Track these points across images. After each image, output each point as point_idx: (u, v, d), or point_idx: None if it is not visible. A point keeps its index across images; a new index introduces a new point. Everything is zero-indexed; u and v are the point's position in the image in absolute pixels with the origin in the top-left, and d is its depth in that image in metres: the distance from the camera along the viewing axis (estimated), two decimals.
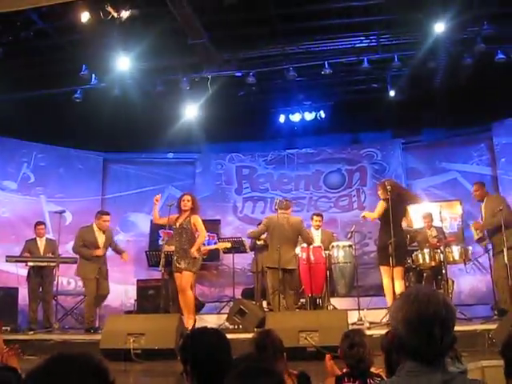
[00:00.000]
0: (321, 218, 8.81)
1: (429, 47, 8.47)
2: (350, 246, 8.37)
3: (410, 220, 9.35)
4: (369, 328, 6.41)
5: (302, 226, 7.74)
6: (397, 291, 6.54)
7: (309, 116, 11.28)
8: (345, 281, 8.37)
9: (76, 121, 10.04)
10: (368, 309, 7.51)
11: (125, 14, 7.25)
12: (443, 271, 7.31)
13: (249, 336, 4.42)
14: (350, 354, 2.98)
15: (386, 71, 9.77)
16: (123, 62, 8.65)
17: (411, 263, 7.77)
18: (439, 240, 7.73)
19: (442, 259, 7.34)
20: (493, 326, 5.65)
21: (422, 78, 9.85)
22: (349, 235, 8.39)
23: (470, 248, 7.88)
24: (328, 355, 2.90)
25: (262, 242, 8.68)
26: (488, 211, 7.32)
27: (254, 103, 10.98)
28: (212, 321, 7.95)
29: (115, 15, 7.19)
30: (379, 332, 5.46)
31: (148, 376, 5.60)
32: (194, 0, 7.45)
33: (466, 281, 9.64)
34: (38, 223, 8.70)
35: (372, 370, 3.00)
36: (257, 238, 8.53)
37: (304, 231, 7.69)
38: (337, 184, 11.39)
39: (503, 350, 2.12)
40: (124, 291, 10.42)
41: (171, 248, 7.27)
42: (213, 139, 11.41)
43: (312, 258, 7.74)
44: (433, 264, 7.52)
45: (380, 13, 8.19)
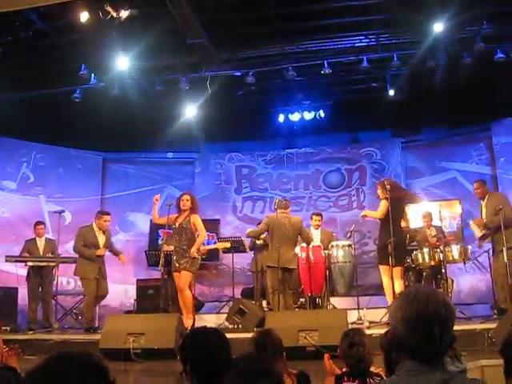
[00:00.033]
0: (320, 218, 8.83)
1: (428, 46, 8.47)
2: (350, 246, 8.38)
3: (408, 220, 9.34)
4: (368, 327, 6.41)
5: (303, 226, 7.74)
6: (396, 291, 6.53)
7: (308, 115, 11.27)
8: (344, 280, 8.39)
9: (75, 120, 10.04)
10: (367, 308, 7.50)
11: (124, 14, 7.26)
12: (443, 270, 7.30)
13: (248, 335, 4.42)
14: (350, 354, 2.99)
15: (386, 70, 9.76)
16: (122, 62, 8.65)
17: (411, 262, 7.78)
18: (439, 239, 7.73)
19: (442, 258, 7.34)
20: (492, 326, 5.65)
21: (422, 78, 9.85)
22: (348, 235, 8.38)
23: (470, 247, 7.87)
24: (326, 354, 2.90)
25: (262, 242, 8.69)
26: (490, 209, 7.28)
27: (254, 103, 10.98)
28: (211, 320, 7.94)
29: (114, 15, 7.19)
30: (379, 331, 5.46)
31: (148, 376, 5.60)
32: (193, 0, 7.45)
33: (466, 280, 9.64)
34: (38, 223, 8.69)
35: (372, 370, 3.00)
36: (256, 238, 8.53)
37: (304, 231, 7.68)
38: (336, 183, 11.39)
39: (503, 350, 2.12)
40: (124, 291, 10.42)
41: (170, 248, 7.26)
42: (212, 139, 11.42)
43: (311, 258, 7.74)
44: (432, 263, 7.52)
45: (379, 12, 8.18)
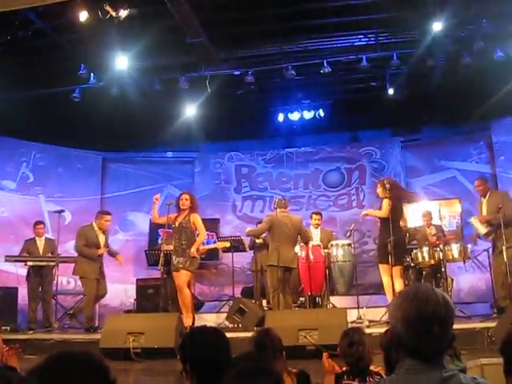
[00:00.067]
0: (320, 217, 8.83)
1: (427, 45, 8.46)
2: (349, 245, 8.38)
3: (405, 219, 9.34)
4: (368, 326, 6.42)
5: (302, 225, 7.76)
6: (396, 290, 6.53)
7: (308, 115, 11.26)
8: (344, 279, 8.39)
9: (75, 120, 10.03)
10: (367, 307, 7.50)
11: (123, 13, 7.25)
12: (442, 269, 7.31)
13: (248, 335, 4.42)
14: (350, 352, 2.98)
15: (385, 69, 9.75)
16: (121, 61, 8.64)
17: (410, 261, 7.78)
18: (438, 238, 7.73)
19: (442, 257, 7.34)
20: (492, 324, 5.65)
21: (421, 77, 9.85)
22: (348, 234, 8.39)
23: (469, 246, 7.87)
24: (325, 353, 2.89)
25: (261, 241, 8.69)
26: (492, 206, 7.25)
27: (253, 102, 10.96)
28: (211, 320, 7.94)
29: (113, 14, 7.18)
30: (379, 330, 5.46)
31: (148, 375, 5.60)
32: None
33: (466, 279, 9.64)
34: (37, 223, 8.69)
35: (371, 368, 3.00)
36: (256, 237, 8.54)
37: (304, 230, 7.70)
38: (336, 183, 11.39)
39: (502, 348, 2.12)
40: (123, 290, 10.42)
41: (170, 247, 7.25)
42: (212, 138, 11.41)
43: (311, 257, 7.75)
44: (432, 262, 7.52)
45: (378, 11, 8.17)
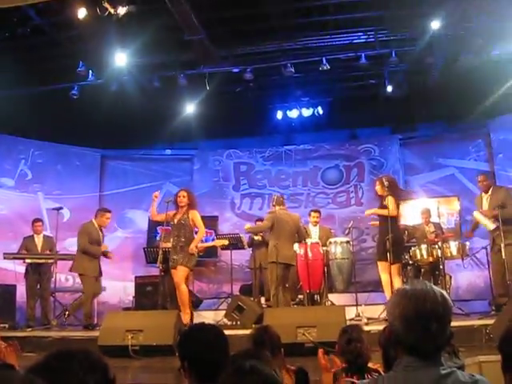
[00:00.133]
0: (318, 215, 8.84)
1: (426, 43, 8.47)
2: (348, 242, 8.39)
3: (401, 216, 9.33)
4: (366, 324, 6.42)
5: (301, 223, 7.80)
6: (395, 287, 6.53)
7: (306, 112, 11.25)
8: (342, 277, 8.39)
9: (73, 117, 10.01)
10: (366, 304, 7.52)
11: (122, 10, 7.23)
12: (441, 267, 7.30)
13: (247, 332, 4.43)
14: (348, 350, 2.99)
15: (384, 67, 9.74)
16: (120, 59, 8.63)
17: (409, 259, 7.79)
18: (437, 235, 7.73)
19: (440, 255, 7.34)
20: (490, 322, 5.64)
21: (420, 74, 9.84)
22: (346, 231, 8.40)
23: (468, 243, 7.88)
24: (320, 350, 2.88)
25: (260, 238, 8.71)
26: (496, 202, 7.21)
27: (252, 99, 10.96)
28: (210, 317, 7.94)
29: (112, 11, 7.16)
30: (377, 327, 5.46)
31: (146, 372, 5.59)
32: None
33: (464, 276, 9.65)
34: (36, 220, 8.68)
35: (370, 365, 3.00)
36: (256, 234, 8.55)
37: (302, 228, 7.77)
38: (334, 180, 11.39)
39: (500, 345, 2.12)
40: (122, 288, 10.42)
41: (169, 244, 7.24)
42: (210, 135, 11.40)
43: (310, 255, 7.76)
44: (430, 259, 7.53)
45: (377, 9, 8.17)
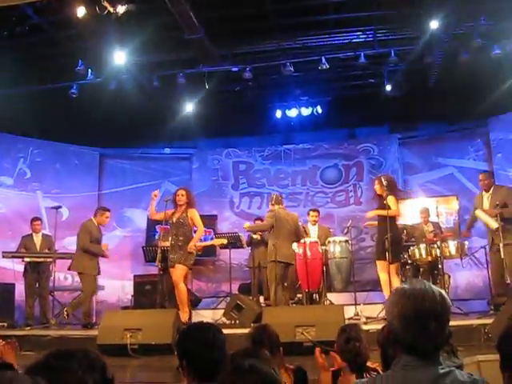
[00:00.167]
0: (317, 214, 8.85)
1: (425, 42, 8.46)
2: (347, 242, 8.39)
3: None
4: (365, 323, 6.42)
5: (299, 222, 7.82)
6: (393, 286, 6.54)
7: (305, 111, 11.25)
8: (341, 276, 8.39)
9: (72, 116, 10.01)
10: (364, 304, 7.52)
11: (121, 9, 7.21)
12: (440, 266, 7.32)
13: (245, 331, 4.43)
14: (347, 349, 2.99)
15: (383, 66, 9.74)
16: (119, 57, 8.61)
17: (408, 258, 7.79)
18: (436, 235, 7.74)
19: (439, 254, 7.35)
20: (489, 321, 5.65)
21: (419, 73, 9.84)
22: (345, 230, 8.40)
23: (467, 243, 7.89)
24: (317, 349, 2.88)
25: (258, 237, 8.71)
26: (497, 201, 7.23)
27: (251, 98, 10.95)
28: (209, 316, 7.95)
29: (111, 10, 7.14)
30: (376, 327, 5.47)
31: (145, 371, 5.59)
32: None
33: (463, 276, 9.66)
34: (35, 219, 8.68)
35: (368, 365, 3.00)
36: (255, 233, 8.56)
37: (300, 227, 7.81)
38: (333, 179, 11.39)
39: (499, 345, 2.12)
40: (121, 287, 10.43)
41: (167, 243, 7.24)
42: (209, 134, 11.41)
43: (308, 254, 7.76)
44: (429, 259, 7.53)
45: (376, 8, 8.16)
